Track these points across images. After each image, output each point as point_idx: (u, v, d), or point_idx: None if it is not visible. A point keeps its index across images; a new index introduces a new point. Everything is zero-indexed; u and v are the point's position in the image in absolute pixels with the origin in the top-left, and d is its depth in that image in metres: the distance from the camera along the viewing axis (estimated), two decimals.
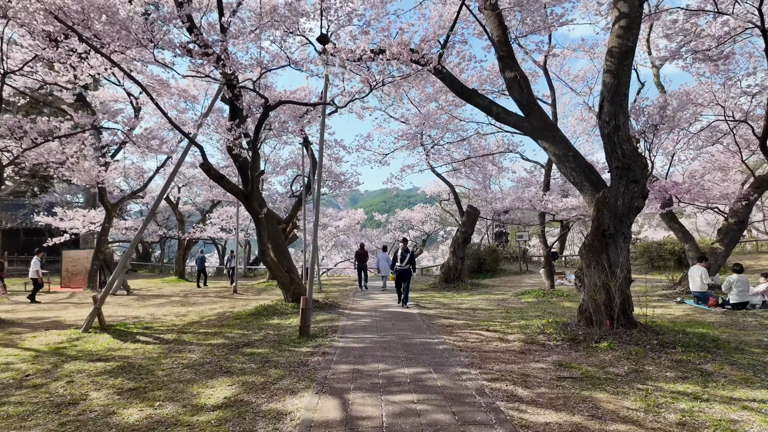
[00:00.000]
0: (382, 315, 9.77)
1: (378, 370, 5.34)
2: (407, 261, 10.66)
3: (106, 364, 6.17)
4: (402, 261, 10.67)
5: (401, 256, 10.72)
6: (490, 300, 12.05)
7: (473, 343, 6.78)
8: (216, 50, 8.27)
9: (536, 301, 11.46)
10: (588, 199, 7.65)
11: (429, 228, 31.15)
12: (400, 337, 7.24)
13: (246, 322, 9.34)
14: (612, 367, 5.35)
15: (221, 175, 9.14)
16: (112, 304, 13.35)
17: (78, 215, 17.00)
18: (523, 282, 16.58)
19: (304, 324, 7.39)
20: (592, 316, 6.99)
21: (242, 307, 11.75)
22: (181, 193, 23.35)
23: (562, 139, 7.97)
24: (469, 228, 15.80)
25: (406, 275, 10.75)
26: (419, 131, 15.73)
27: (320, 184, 7.16)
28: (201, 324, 9.43)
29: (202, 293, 16.36)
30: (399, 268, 10.66)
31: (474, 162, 16.74)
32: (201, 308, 11.95)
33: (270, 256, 10.33)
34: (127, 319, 10.23)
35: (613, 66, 6.95)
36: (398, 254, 10.80)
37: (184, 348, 7.04)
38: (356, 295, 14.14)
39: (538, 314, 9.49)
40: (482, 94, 8.51)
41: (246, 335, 7.93)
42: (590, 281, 7.06)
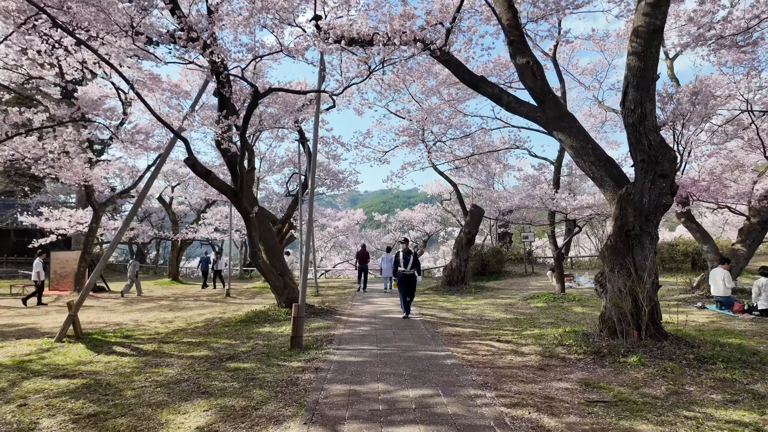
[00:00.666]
0: (383, 322, 9.06)
1: (378, 392, 4.63)
2: (411, 264, 9.38)
3: (71, 381, 5.46)
4: (405, 265, 9.39)
5: (403, 258, 9.42)
6: (497, 305, 11.34)
7: (484, 356, 6.07)
8: (203, 36, 7.58)
9: (546, 306, 10.75)
10: (609, 196, 6.94)
11: (430, 228, 30.43)
12: (403, 349, 6.53)
13: (234, 331, 8.63)
14: (647, 387, 4.64)
15: (208, 171, 8.44)
16: (97, 308, 12.65)
17: (65, 215, 16.27)
18: (529, 285, 15.88)
19: (296, 334, 6.68)
20: (615, 326, 6.28)
21: (233, 313, 11.04)
22: (175, 193, 22.62)
23: (579, 130, 7.27)
24: (473, 228, 15.10)
25: (411, 282, 9.45)
26: (421, 127, 15.02)
27: (314, 177, 6.47)
28: (186, 332, 8.72)
29: (194, 296, 15.65)
30: (403, 273, 9.39)
31: (478, 159, 16.02)
32: (189, 314, 11.24)
33: (262, 258, 9.62)
34: (108, 326, 9.51)
35: (640, 47, 6.25)
36: (400, 257, 9.48)
37: (162, 361, 6.33)
38: (355, 299, 13.43)
39: (550, 321, 8.79)
40: (492, 82, 7.81)
41: (232, 346, 7.21)
42: (614, 287, 6.35)
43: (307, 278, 7.01)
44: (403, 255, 9.49)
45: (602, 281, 6.81)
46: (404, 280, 9.43)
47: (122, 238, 24.37)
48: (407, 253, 9.54)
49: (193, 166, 8.24)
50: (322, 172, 19.51)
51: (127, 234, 21.59)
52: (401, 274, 9.45)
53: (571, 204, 9.28)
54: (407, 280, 9.41)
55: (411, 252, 9.56)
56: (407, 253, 9.53)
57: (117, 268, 30.73)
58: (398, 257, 9.55)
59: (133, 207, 8.57)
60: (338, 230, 29.22)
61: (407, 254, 9.51)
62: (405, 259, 9.46)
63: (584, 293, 12.78)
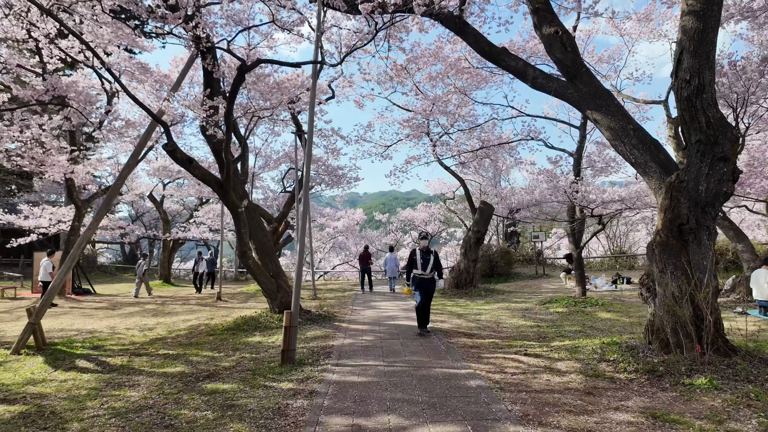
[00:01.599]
0: (388, 330, 8.03)
1: (389, 428, 3.60)
2: (432, 266, 7.45)
3: (8, 408, 4.43)
4: (424, 266, 7.42)
5: (421, 259, 7.44)
6: (512, 310, 10.31)
7: (514, 375, 5.04)
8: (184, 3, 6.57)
9: (567, 312, 9.73)
10: (655, 185, 5.93)
11: (433, 228, 29.38)
12: (415, 366, 5.50)
13: (220, 340, 7.59)
14: (733, 421, 3.62)
15: (189, 159, 7.42)
16: (76, 312, 11.61)
17: (46, 213, 15.23)
18: (541, 287, 14.85)
19: (288, 347, 5.65)
20: (669, 338, 5.26)
21: (222, 319, 10.00)
22: (167, 191, 21.57)
23: (618, 108, 6.26)
24: (482, 227, 14.09)
25: (430, 288, 7.52)
26: (426, 118, 14.00)
27: (309, 163, 5.48)
28: (165, 342, 7.68)
29: (183, 300, 14.60)
30: (421, 277, 7.42)
31: (486, 153, 15.01)
32: (174, 320, 10.21)
33: (252, 258, 8.60)
34: (79, 335, 8.48)
35: (698, 4, 5.25)
36: (416, 257, 7.49)
37: (127, 380, 5.29)
38: (356, 302, 12.40)
39: (577, 329, 7.77)
40: (514, 55, 6.79)
41: (214, 360, 6.18)
42: (666, 291, 5.33)
43: (301, 281, 5.98)
44: (421, 254, 7.49)
45: (648, 284, 5.79)
46: (422, 286, 7.44)
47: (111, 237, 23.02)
48: (426, 252, 7.53)
49: (173, 153, 7.22)
50: (320, 168, 18.52)
51: (114, 233, 20.56)
52: (418, 279, 7.44)
53: (600, 197, 8.28)
54: (426, 287, 7.48)
55: (431, 251, 7.55)
56: (426, 253, 7.51)
57: (108, 270, 29.69)
58: (413, 257, 7.55)
59: (106, 199, 7.55)
60: (337, 230, 28.20)
61: (426, 253, 7.51)
62: (424, 259, 7.45)
63: (604, 296, 11.75)
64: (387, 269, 16.24)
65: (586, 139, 11.08)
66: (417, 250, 7.65)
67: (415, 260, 7.53)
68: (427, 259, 7.47)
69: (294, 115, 13.94)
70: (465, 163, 17.53)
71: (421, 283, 7.48)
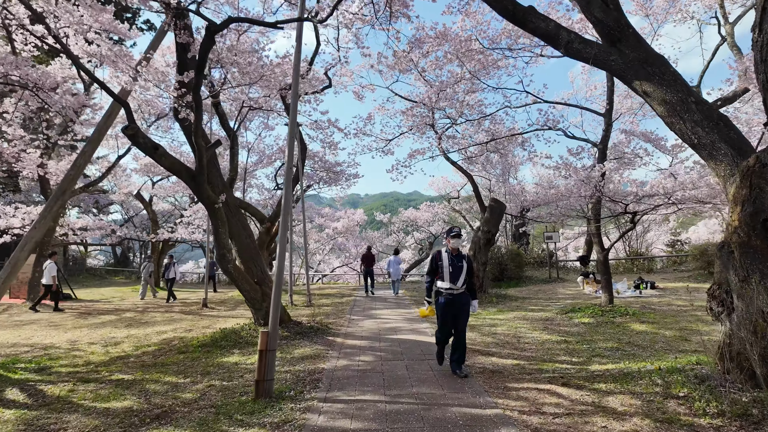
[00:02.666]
0: (390, 348, 6.82)
1: None
2: (464, 277, 5.09)
3: None
4: (455, 277, 5.04)
5: (450, 265, 5.08)
6: (531, 320, 9.10)
7: (557, 418, 3.83)
8: None
9: (595, 323, 8.51)
10: (724, 170, 4.72)
11: (436, 229, 28.18)
12: (425, 402, 4.29)
13: (191, 360, 6.40)
14: None
15: (155, 145, 6.24)
16: (40, 323, 10.43)
17: (19, 212, 14.09)
18: (557, 293, 13.63)
19: (263, 377, 4.45)
20: (756, 368, 4.05)
21: (201, 331, 8.82)
22: (156, 189, 20.41)
23: (675, 77, 5.06)
24: (492, 227, 12.87)
25: (462, 310, 5.10)
26: (430, 109, 12.81)
27: (293, 138, 4.28)
28: (127, 362, 6.49)
29: (167, 306, 13.42)
30: (449, 293, 5.06)
31: (496, 147, 13.81)
32: (147, 331, 9.02)
33: (232, 262, 7.40)
34: (31, 352, 7.30)
35: None
36: (442, 262, 5.14)
37: (56, 421, 4.11)
38: (354, 310, 11.20)
39: (614, 346, 6.55)
40: (544, 15, 5.60)
41: (176, 389, 4.99)
42: (750, 306, 4.12)
43: (281, 291, 4.79)
44: (450, 260, 5.08)
45: (721, 296, 4.57)
46: (450, 307, 5.05)
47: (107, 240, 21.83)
48: (458, 256, 5.13)
49: (134, 137, 6.04)
50: (316, 164, 17.35)
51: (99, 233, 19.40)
52: (445, 297, 5.05)
53: (642, 190, 7.09)
54: (456, 309, 5.05)
55: (464, 255, 5.21)
56: (458, 257, 5.11)
57: (98, 273, 28.55)
58: (438, 262, 5.18)
59: (56, 192, 6.39)
60: (337, 231, 27.00)
61: (457, 259, 5.10)
62: (454, 266, 5.05)
63: (630, 303, 10.52)
64: (391, 272, 15.38)
65: (612, 128, 9.89)
66: (443, 252, 5.18)
67: (441, 268, 5.11)
68: (458, 267, 5.04)
69: (287, 105, 12.77)
70: (472, 158, 16.33)
71: (449, 303, 5.03)
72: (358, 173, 18.13)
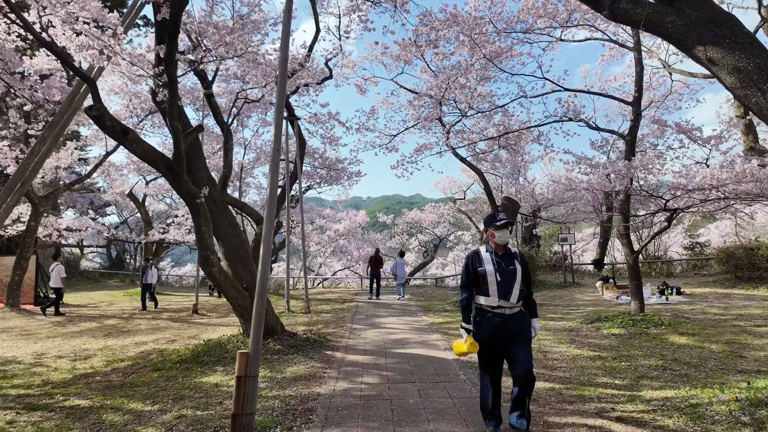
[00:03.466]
0: (398, 364, 5.88)
1: None
2: (520, 287, 3.38)
3: None
4: (504, 289, 3.34)
5: (497, 269, 3.38)
6: (554, 330, 8.14)
7: None
8: None
9: (627, 334, 7.54)
10: None
11: (441, 231, 27.22)
12: None
13: (166, 379, 5.48)
14: None
15: (124, 129, 5.35)
16: (12, 332, 9.55)
17: None
18: (575, 299, 12.65)
19: (242, 410, 3.52)
20: None
21: (186, 341, 7.91)
22: (150, 188, 19.55)
23: (749, 39, 4.14)
24: None
25: (520, 335, 3.37)
26: (438, 99, 11.90)
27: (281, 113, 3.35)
28: (92, 381, 5.58)
29: (155, 313, 12.52)
30: (496, 312, 3.38)
31: (507, 141, 12.89)
32: (126, 342, 8.11)
33: (217, 265, 6.49)
34: None
35: None
36: (484, 268, 3.41)
37: None
38: (356, 319, 10.26)
39: (657, 363, 5.61)
40: None
41: (139, 420, 4.07)
42: None
43: (264, 301, 3.87)
44: (496, 262, 3.43)
45: None
46: (501, 334, 3.38)
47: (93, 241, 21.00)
48: (506, 257, 3.47)
49: (99, 119, 5.15)
50: (316, 161, 16.45)
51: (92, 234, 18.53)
52: (488, 319, 3.40)
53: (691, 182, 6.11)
54: (508, 334, 3.37)
55: (516, 254, 3.55)
56: (507, 258, 3.47)
57: (91, 276, 27.68)
58: (475, 266, 3.49)
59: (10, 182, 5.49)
60: (339, 233, 26.10)
61: (507, 259, 3.46)
62: (503, 271, 3.40)
63: (659, 312, 9.55)
64: (398, 274, 14.85)
65: (641, 117, 8.96)
66: (482, 253, 3.49)
67: (482, 276, 3.40)
68: (509, 272, 3.37)
69: (285, 97, 11.89)
70: (480, 156, 15.43)
71: (497, 330, 3.35)
72: (360, 171, 17.23)
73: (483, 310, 3.46)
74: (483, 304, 3.46)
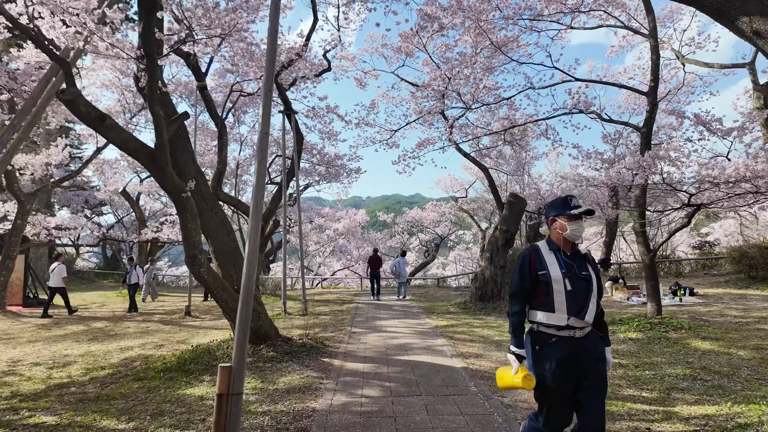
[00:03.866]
0: (402, 373, 5.39)
1: None
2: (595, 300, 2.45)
3: None
4: (579, 304, 2.40)
5: (566, 277, 2.42)
6: None
7: None
8: None
9: (646, 339, 7.05)
10: None
11: (442, 230, 26.72)
12: None
13: (147, 391, 4.99)
14: None
15: (101, 115, 4.86)
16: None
17: None
18: None
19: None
20: None
21: (175, 346, 7.42)
22: (144, 186, 19.04)
23: None
24: (512, 225, 11.46)
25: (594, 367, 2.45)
26: (441, 92, 11.40)
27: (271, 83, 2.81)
28: (65, 393, 5.08)
29: (146, 315, 12.02)
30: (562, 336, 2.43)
31: (513, 136, 12.40)
32: (111, 347, 7.61)
33: (206, 265, 5.99)
34: None
35: None
36: (548, 272, 2.44)
37: None
38: (356, 321, 9.77)
39: (683, 372, 5.13)
40: None
41: None
42: None
43: (251, 306, 3.38)
44: (564, 264, 2.46)
45: None
46: (572, 365, 2.41)
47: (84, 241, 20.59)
48: (576, 257, 2.52)
49: (73, 104, 4.66)
50: (314, 157, 15.96)
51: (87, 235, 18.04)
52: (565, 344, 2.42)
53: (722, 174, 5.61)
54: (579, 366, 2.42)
55: (588, 256, 2.58)
56: (577, 259, 2.51)
57: (86, 276, 27.17)
58: (535, 270, 2.48)
59: None
60: (338, 233, 25.61)
61: (578, 262, 2.50)
62: (574, 277, 2.44)
63: (675, 314, 9.06)
64: (400, 273, 14.52)
65: (656, 108, 8.47)
66: (542, 251, 2.55)
67: (546, 280, 2.45)
68: (583, 279, 2.45)
69: (281, 90, 11.41)
70: (485, 151, 14.94)
71: (567, 362, 2.40)
72: (360, 168, 16.74)
73: (543, 334, 2.46)
74: (544, 323, 2.44)
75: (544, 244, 2.61)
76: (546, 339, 2.46)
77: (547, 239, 2.64)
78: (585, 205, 2.58)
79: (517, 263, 2.62)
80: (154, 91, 4.79)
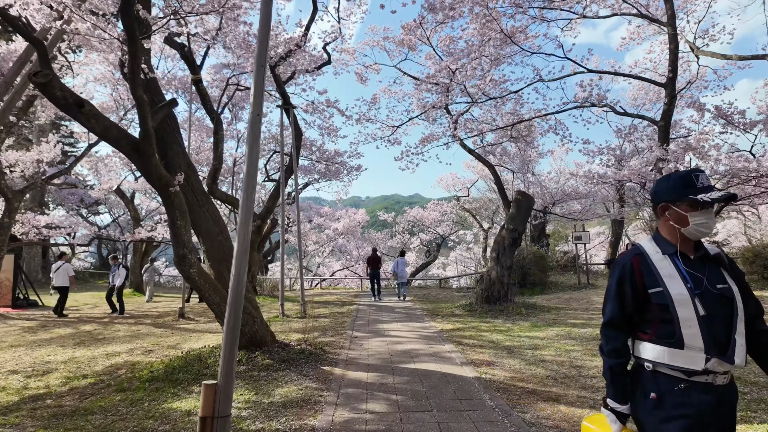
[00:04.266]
0: (408, 384, 4.94)
1: None
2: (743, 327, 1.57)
3: None
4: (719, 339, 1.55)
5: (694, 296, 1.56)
6: (580, 339, 7.20)
7: None
8: None
9: None
10: None
11: (444, 230, 26.27)
12: None
13: (129, 404, 4.53)
14: None
15: (80, 101, 4.41)
16: None
17: None
18: (592, 302, 11.73)
19: None
20: None
21: (164, 352, 6.96)
22: (140, 184, 18.55)
23: None
24: (519, 224, 11.02)
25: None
26: (446, 86, 10.96)
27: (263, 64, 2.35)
28: (38, 406, 4.62)
29: (139, 317, 11.55)
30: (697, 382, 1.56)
31: (519, 132, 11.96)
32: (96, 353, 7.15)
33: (196, 266, 5.54)
34: None
35: None
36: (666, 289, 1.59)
37: None
38: (357, 325, 9.32)
39: None
40: None
41: None
42: None
43: (240, 314, 2.93)
44: (688, 271, 1.62)
45: None
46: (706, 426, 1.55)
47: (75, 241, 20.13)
48: (709, 260, 1.68)
49: (47, 87, 4.22)
50: (314, 154, 15.51)
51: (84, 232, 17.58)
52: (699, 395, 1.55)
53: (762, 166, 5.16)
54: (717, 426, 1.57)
55: (720, 256, 1.69)
56: (711, 263, 1.68)
57: (81, 276, 26.67)
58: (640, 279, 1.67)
59: None
60: (338, 232, 25.14)
61: (712, 267, 1.67)
62: (706, 289, 1.59)
63: None
64: (399, 274, 14.14)
65: (675, 100, 8.04)
66: (649, 252, 1.72)
67: (661, 302, 1.62)
68: (719, 295, 1.60)
69: (279, 83, 10.95)
70: (489, 148, 14.49)
71: (702, 421, 1.54)
72: (360, 165, 16.29)
73: (664, 376, 1.62)
74: (665, 364, 1.61)
75: (650, 244, 1.75)
76: (669, 385, 1.60)
77: (655, 236, 1.78)
78: (718, 188, 1.69)
79: (613, 276, 1.77)
80: (136, 73, 4.34)
